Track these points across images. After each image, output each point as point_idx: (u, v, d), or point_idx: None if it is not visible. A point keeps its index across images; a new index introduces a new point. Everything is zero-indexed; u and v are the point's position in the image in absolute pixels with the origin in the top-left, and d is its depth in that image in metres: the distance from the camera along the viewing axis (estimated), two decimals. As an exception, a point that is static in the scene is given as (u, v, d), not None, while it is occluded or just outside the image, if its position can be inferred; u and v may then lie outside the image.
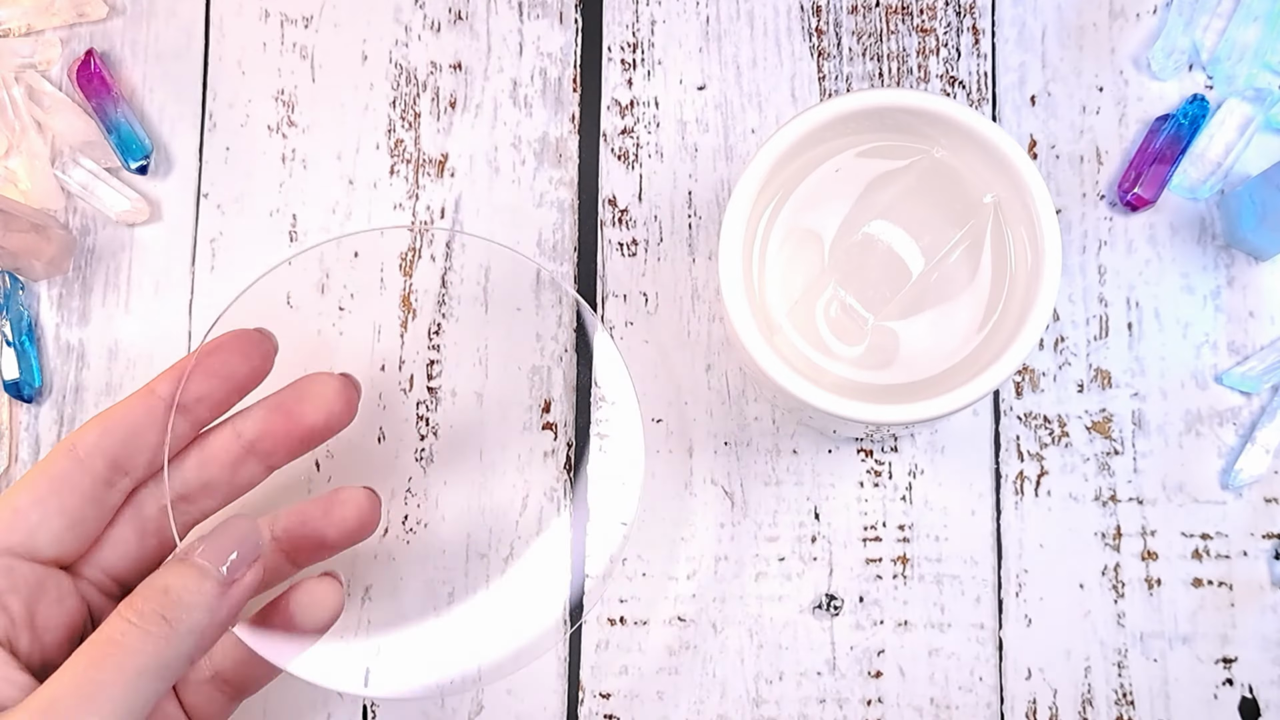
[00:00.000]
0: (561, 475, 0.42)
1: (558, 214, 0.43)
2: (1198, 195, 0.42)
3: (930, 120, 0.34)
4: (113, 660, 0.31)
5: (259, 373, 0.36)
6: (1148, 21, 0.43)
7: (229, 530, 0.33)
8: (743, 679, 0.41)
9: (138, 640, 0.31)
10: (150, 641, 0.31)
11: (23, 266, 0.42)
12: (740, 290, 0.33)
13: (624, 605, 0.41)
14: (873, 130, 0.35)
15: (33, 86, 0.43)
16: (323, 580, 0.36)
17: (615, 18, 0.44)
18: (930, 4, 0.43)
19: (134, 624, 0.31)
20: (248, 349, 0.36)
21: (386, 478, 0.42)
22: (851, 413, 0.33)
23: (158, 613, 0.31)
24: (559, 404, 0.42)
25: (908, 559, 0.41)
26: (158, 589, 0.32)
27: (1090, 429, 0.41)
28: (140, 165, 0.43)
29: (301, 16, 0.44)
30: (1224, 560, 0.41)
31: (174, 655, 0.31)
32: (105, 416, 0.35)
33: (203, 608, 0.32)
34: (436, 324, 0.42)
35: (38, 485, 0.34)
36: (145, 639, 0.31)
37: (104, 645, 0.31)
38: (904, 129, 0.35)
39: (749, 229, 0.35)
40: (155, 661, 0.31)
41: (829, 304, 0.36)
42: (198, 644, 0.32)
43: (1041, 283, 0.33)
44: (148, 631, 0.31)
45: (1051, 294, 0.33)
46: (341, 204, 0.43)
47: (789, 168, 0.36)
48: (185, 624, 0.31)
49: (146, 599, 0.32)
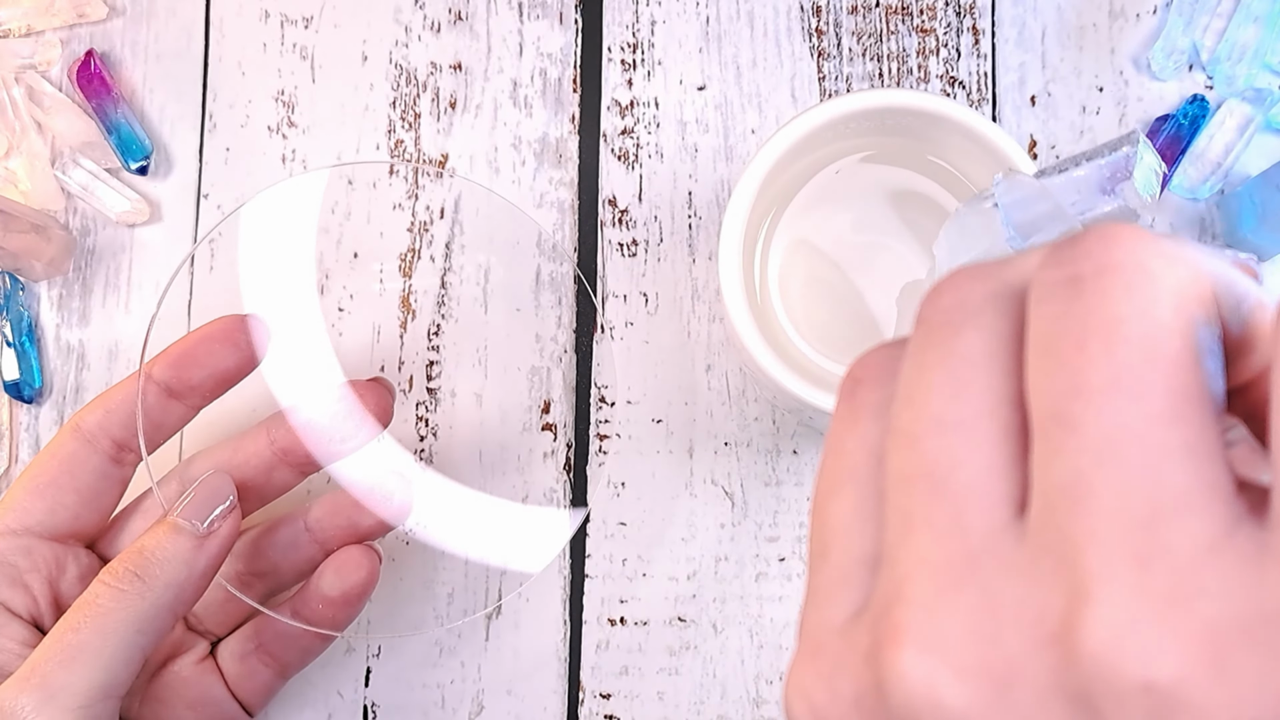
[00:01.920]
0: (561, 475, 0.42)
1: (558, 214, 0.43)
2: (1198, 195, 0.42)
3: (930, 121, 0.34)
4: (90, 622, 0.32)
5: (249, 362, 0.37)
6: (1148, 22, 0.43)
7: (205, 487, 0.34)
8: (743, 679, 0.41)
9: (112, 599, 0.32)
10: (124, 599, 0.32)
11: (23, 267, 0.42)
12: (740, 290, 0.33)
13: (624, 605, 0.41)
14: (873, 133, 0.35)
15: (33, 87, 0.43)
16: (355, 549, 0.37)
17: (615, 18, 0.44)
18: (930, 4, 0.43)
19: (109, 584, 0.32)
20: (239, 338, 0.37)
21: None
22: None
23: (131, 571, 0.33)
24: (559, 404, 0.42)
25: (908, 559, 0.41)
26: (134, 550, 0.33)
27: (1090, 429, 0.41)
28: (140, 166, 0.43)
29: (301, 17, 0.44)
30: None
31: (150, 609, 0.32)
32: (106, 398, 0.36)
33: (178, 560, 0.33)
34: (436, 324, 0.42)
35: (49, 467, 0.35)
36: (119, 597, 0.32)
37: (82, 608, 0.32)
38: (904, 131, 0.35)
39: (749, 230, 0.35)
40: (131, 616, 0.32)
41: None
42: (178, 596, 0.33)
43: None
44: (122, 590, 0.32)
45: None
46: (341, 204, 0.43)
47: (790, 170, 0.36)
48: (161, 579, 0.33)
49: (123, 560, 0.33)
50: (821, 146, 0.36)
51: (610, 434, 0.42)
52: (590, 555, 0.41)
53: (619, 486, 0.42)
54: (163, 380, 0.36)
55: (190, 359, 0.36)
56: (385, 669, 0.41)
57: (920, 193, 0.36)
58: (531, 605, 0.41)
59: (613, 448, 0.42)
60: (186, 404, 0.36)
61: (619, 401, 0.42)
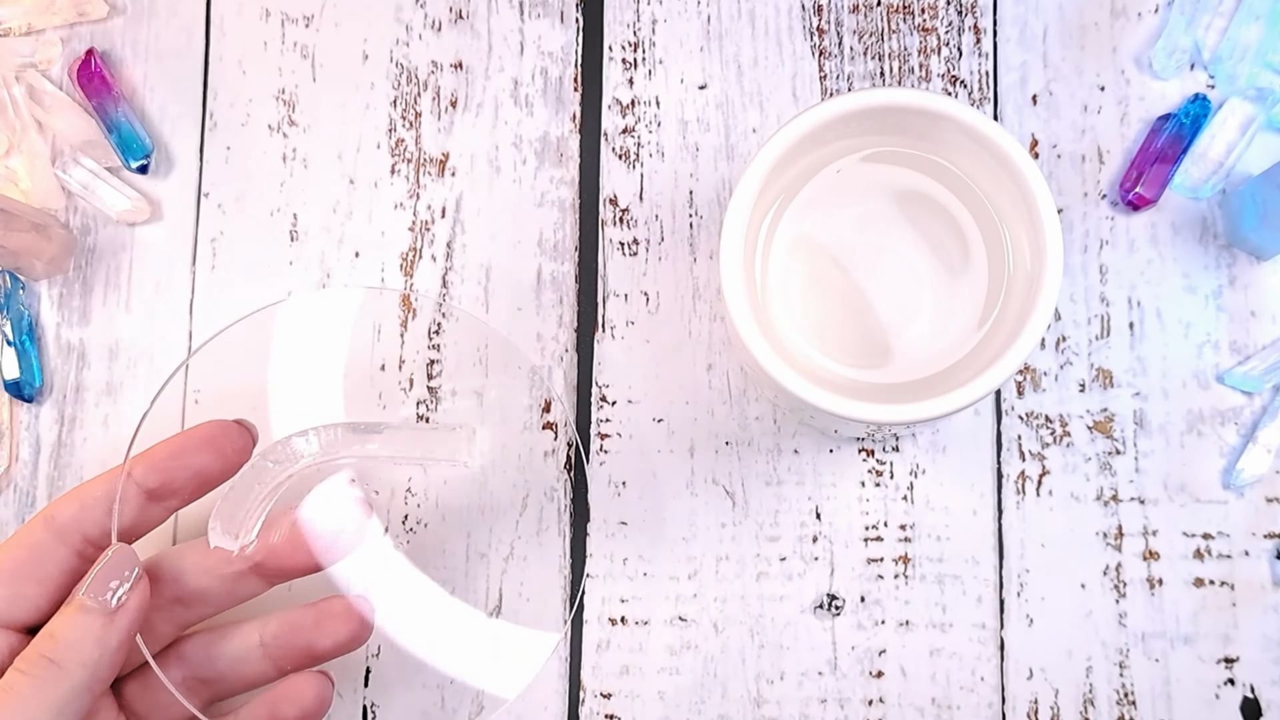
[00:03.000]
0: (561, 475, 0.42)
1: (558, 213, 0.43)
2: (1199, 195, 0.42)
3: (931, 120, 0.34)
4: (8, 712, 0.32)
5: (233, 468, 0.37)
6: (1149, 21, 0.43)
7: (110, 563, 0.34)
8: (744, 679, 0.41)
9: (27, 686, 0.32)
10: (39, 685, 0.32)
11: (23, 266, 0.42)
12: (741, 289, 0.33)
13: (624, 605, 0.41)
14: (874, 132, 0.35)
15: (33, 86, 0.43)
16: (309, 677, 0.37)
17: (616, 17, 0.44)
18: (932, 3, 0.43)
19: (23, 671, 0.32)
20: (224, 445, 0.37)
21: (387, 478, 0.42)
22: (853, 412, 0.33)
23: (44, 656, 0.33)
24: (559, 404, 0.42)
25: (909, 559, 0.41)
26: (45, 635, 0.33)
27: (1092, 429, 0.41)
28: (141, 165, 0.43)
29: (302, 16, 0.44)
30: (1226, 560, 0.41)
31: (67, 692, 0.32)
32: (83, 493, 0.36)
33: (89, 639, 0.33)
34: (436, 324, 0.42)
35: (15, 555, 0.35)
36: (33, 684, 0.32)
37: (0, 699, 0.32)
38: (905, 130, 0.35)
39: (750, 229, 0.35)
40: (48, 701, 0.32)
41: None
42: (94, 675, 0.33)
43: (1043, 283, 0.33)
44: (35, 676, 0.32)
45: (1053, 294, 0.33)
46: (342, 203, 0.43)
47: (790, 170, 0.36)
48: (74, 660, 0.33)
49: (35, 646, 0.33)
50: (823, 145, 0.35)
51: (611, 433, 0.42)
52: (591, 555, 0.41)
53: (619, 486, 0.42)
54: (143, 483, 0.36)
55: (175, 463, 0.36)
56: (385, 669, 0.41)
57: (922, 192, 0.36)
58: (532, 605, 0.41)
59: (613, 447, 0.42)
60: (164, 506, 0.36)
61: (620, 400, 0.42)
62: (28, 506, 0.42)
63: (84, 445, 0.42)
